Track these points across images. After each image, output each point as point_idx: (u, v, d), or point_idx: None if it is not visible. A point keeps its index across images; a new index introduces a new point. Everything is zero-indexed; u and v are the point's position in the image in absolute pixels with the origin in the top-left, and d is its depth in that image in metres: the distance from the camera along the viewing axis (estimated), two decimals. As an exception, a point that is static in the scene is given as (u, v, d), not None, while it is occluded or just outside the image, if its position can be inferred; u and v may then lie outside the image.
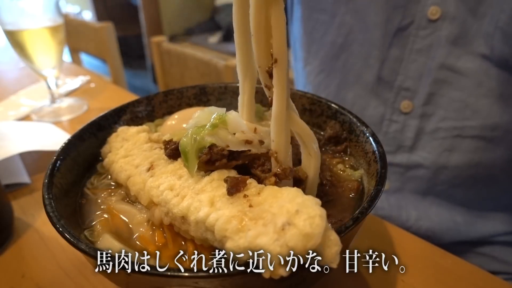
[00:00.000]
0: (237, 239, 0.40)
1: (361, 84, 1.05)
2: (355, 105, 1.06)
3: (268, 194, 0.45)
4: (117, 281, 0.50)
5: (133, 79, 5.00)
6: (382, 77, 1.00)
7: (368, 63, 1.01)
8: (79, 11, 5.83)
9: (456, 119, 0.92)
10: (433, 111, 0.95)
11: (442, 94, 0.92)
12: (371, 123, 1.04)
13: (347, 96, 1.08)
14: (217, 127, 0.52)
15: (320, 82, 1.14)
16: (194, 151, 0.52)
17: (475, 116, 0.90)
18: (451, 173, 0.97)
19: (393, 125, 1.01)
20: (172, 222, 0.52)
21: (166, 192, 0.52)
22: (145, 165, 0.59)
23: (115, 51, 2.32)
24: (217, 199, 0.47)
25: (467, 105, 0.90)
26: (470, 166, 0.94)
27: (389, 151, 1.03)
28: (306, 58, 1.15)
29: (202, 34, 4.29)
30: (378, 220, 0.79)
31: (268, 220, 0.40)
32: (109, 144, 0.68)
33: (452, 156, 0.95)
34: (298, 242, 0.37)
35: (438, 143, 0.96)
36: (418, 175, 1.01)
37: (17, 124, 1.19)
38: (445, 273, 0.67)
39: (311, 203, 0.40)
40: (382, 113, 1.02)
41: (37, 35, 1.22)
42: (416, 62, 0.94)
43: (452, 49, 0.88)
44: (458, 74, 0.89)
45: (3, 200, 0.79)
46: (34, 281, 0.68)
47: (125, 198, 0.61)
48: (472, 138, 0.92)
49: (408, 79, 0.96)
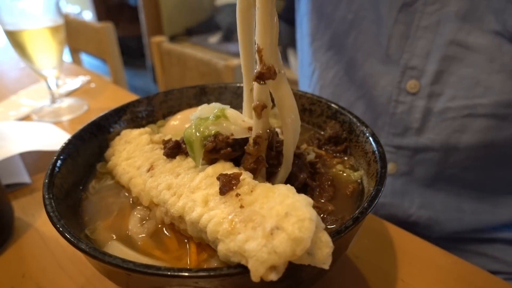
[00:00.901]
0: (228, 242, 0.41)
1: (370, 63, 1.01)
2: (364, 84, 1.03)
3: (259, 193, 0.45)
4: (117, 281, 0.50)
5: (133, 79, 5.00)
6: (390, 55, 0.96)
7: (378, 41, 0.97)
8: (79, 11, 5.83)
9: (467, 98, 0.88)
10: (442, 90, 0.91)
11: (452, 71, 0.89)
12: (380, 103, 1.01)
13: (356, 75, 1.05)
14: (220, 118, 0.53)
15: (328, 59, 1.10)
16: (199, 141, 0.53)
17: (487, 93, 0.86)
18: (462, 155, 0.93)
19: (399, 106, 0.97)
20: (172, 221, 0.52)
21: (164, 192, 0.52)
22: (146, 166, 0.60)
23: (115, 51, 2.32)
24: (211, 197, 0.47)
25: (479, 82, 0.86)
26: (482, 146, 0.91)
27: (397, 133, 0.99)
28: (314, 34, 1.11)
29: (202, 34, 4.29)
30: (378, 220, 0.80)
31: (258, 223, 0.40)
32: (112, 148, 0.69)
33: (462, 136, 0.91)
34: (287, 247, 0.37)
35: (447, 123, 0.92)
36: (427, 158, 0.97)
37: (17, 124, 1.19)
38: (445, 273, 0.67)
39: (301, 205, 0.40)
40: (389, 94, 0.98)
41: (38, 36, 1.22)
42: (422, 39, 0.90)
43: (462, 25, 0.85)
44: (469, 50, 0.85)
45: (4, 200, 0.79)
46: (34, 281, 0.68)
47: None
48: (484, 117, 0.88)
49: (414, 57, 0.92)
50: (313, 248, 0.39)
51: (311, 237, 0.37)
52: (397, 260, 0.69)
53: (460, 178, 0.97)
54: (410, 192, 1.02)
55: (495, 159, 0.93)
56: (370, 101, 1.05)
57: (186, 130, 0.55)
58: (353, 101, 1.09)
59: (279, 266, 0.37)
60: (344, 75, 1.07)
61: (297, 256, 0.37)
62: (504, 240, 1.02)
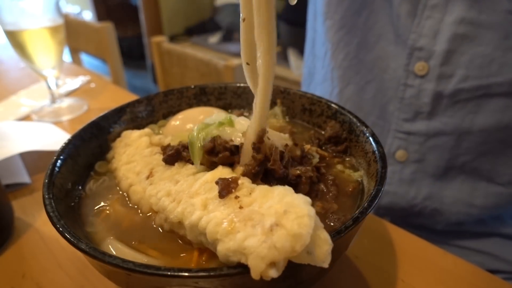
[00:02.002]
0: (227, 241, 0.41)
1: (381, 45, 0.98)
2: (375, 67, 1.00)
3: (258, 193, 0.45)
4: (117, 281, 0.50)
5: (133, 79, 5.00)
6: (400, 35, 0.94)
7: (390, 21, 0.94)
8: (79, 11, 5.83)
9: (481, 77, 0.85)
10: (453, 71, 0.87)
11: (463, 51, 0.85)
12: (391, 87, 0.98)
13: (367, 57, 1.02)
14: (223, 125, 0.55)
15: (339, 39, 1.06)
16: (200, 142, 0.54)
17: (502, 71, 0.83)
18: (476, 139, 0.90)
19: (408, 90, 0.94)
20: (171, 227, 0.52)
21: (163, 198, 0.53)
22: (145, 172, 0.60)
23: (115, 51, 2.32)
24: (209, 201, 0.47)
25: (493, 60, 0.83)
26: (498, 128, 0.88)
27: (407, 118, 0.96)
28: (327, 12, 1.08)
29: (202, 34, 4.28)
30: (378, 220, 0.80)
31: (257, 221, 0.40)
32: (113, 150, 0.69)
33: (477, 118, 0.88)
34: (286, 242, 0.37)
35: (460, 105, 0.89)
36: (439, 144, 0.94)
37: (17, 124, 1.19)
38: (445, 273, 0.67)
39: (300, 202, 0.40)
40: (399, 77, 0.95)
41: (37, 35, 1.22)
42: (430, 19, 0.87)
43: (473, 3, 0.82)
44: (481, 28, 0.82)
45: (4, 200, 0.79)
46: (34, 281, 0.68)
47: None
48: (500, 96, 0.85)
49: (421, 37, 0.89)
50: (313, 246, 0.39)
51: (310, 233, 0.37)
52: (397, 260, 0.69)
53: (474, 167, 0.94)
54: (418, 182, 0.99)
55: (511, 143, 0.90)
56: (380, 84, 1.02)
57: (191, 134, 0.56)
58: (363, 85, 1.06)
59: (279, 263, 0.37)
60: (354, 57, 1.04)
61: (297, 252, 0.37)
62: (505, 235, 1.01)
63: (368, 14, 0.99)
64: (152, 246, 0.53)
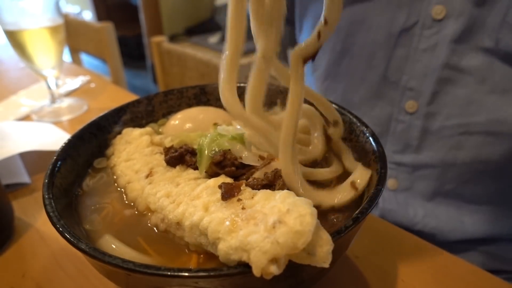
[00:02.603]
0: (229, 240, 0.41)
1: (366, 86, 1.05)
2: (362, 106, 1.07)
3: (261, 197, 0.45)
4: (117, 281, 0.50)
5: (133, 79, 5.00)
6: (388, 77, 1.01)
7: (371, 64, 1.01)
8: (79, 11, 5.83)
9: (462, 116, 0.92)
10: (438, 110, 0.95)
11: (447, 92, 0.92)
12: (379, 124, 1.06)
13: (354, 98, 1.09)
14: (235, 139, 0.57)
15: (327, 87, 1.15)
16: (210, 150, 0.56)
17: (481, 111, 0.90)
18: (459, 170, 0.97)
19: (399, 125, 1.02)
20: (167, 228, 0.52)
21: (163, 199, 0.53)
22: (145, 171, 0.60)
23: (115, 51, 2.32)
24: (211, 204, 0.47)
25: (472, 102, 0.90)
26: (478, 161, 0.94)
27: (397, 150, 1.04)
28: (314, 65, 1.17)
29: (202, 34, 4.28)
30: (378, 220, 0.80)
31: (260, 220, 0.41)
32: (113, 146, 0.69)
33: (459, 153, 0.95)
34: (288, 239, 0.37)
35: (444, 141, 0.96)
36: (426, 174, 1.01)
37: (17, 124, 1.19)
38: (445, 273, 0.67)
39: (302, 203, 0.41)
40: (390, 113, 1.03)
41: (37, 35, 1.22)
42: (420, 62, 0.94)
43: (456, 47, 0.88)
44: (461, 73, 0.90)
45: (4, 200, 0.79)
46: (35, 281, 0.68)
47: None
48: (479, 134, 0.92)
49: (412, 79, 0.96)
50: (314, 246, 0.39)
51: (312, 231, 0.38)
52: (397, 260, 0.69)
53: (457, 193, 1.01)
54: (412, 205, 1.05)
55: (490, 173, 0.97)
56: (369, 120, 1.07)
57: (202, 139, 0.58)
58: None
59: (280, 259, 0.37)
60: (342, 101, 1.11)
61: (299, 249, 0.37)
62: (505, 239, 1.02)
63: (348, 61, 1.06)
64: (147, 245, 0.52)
